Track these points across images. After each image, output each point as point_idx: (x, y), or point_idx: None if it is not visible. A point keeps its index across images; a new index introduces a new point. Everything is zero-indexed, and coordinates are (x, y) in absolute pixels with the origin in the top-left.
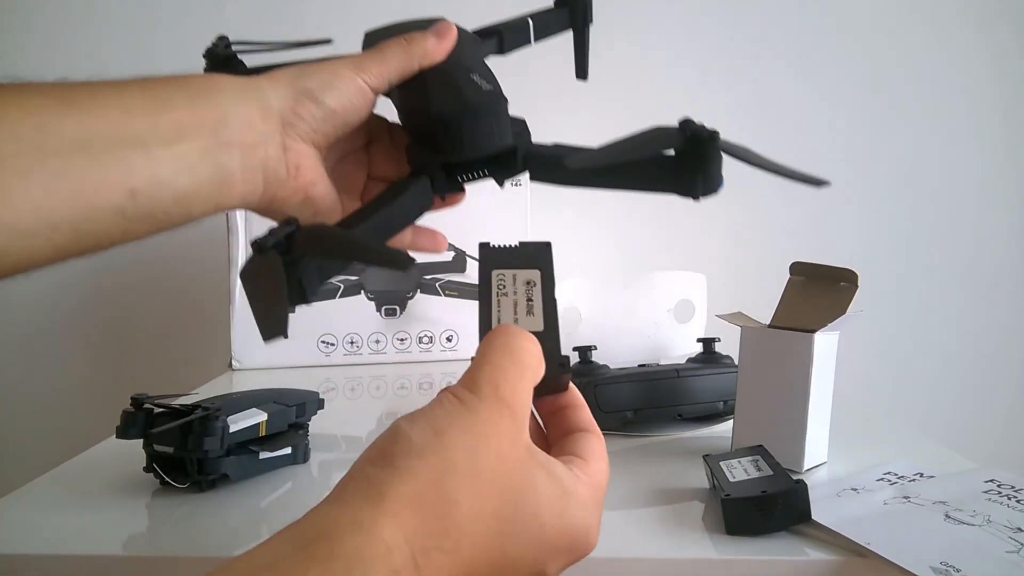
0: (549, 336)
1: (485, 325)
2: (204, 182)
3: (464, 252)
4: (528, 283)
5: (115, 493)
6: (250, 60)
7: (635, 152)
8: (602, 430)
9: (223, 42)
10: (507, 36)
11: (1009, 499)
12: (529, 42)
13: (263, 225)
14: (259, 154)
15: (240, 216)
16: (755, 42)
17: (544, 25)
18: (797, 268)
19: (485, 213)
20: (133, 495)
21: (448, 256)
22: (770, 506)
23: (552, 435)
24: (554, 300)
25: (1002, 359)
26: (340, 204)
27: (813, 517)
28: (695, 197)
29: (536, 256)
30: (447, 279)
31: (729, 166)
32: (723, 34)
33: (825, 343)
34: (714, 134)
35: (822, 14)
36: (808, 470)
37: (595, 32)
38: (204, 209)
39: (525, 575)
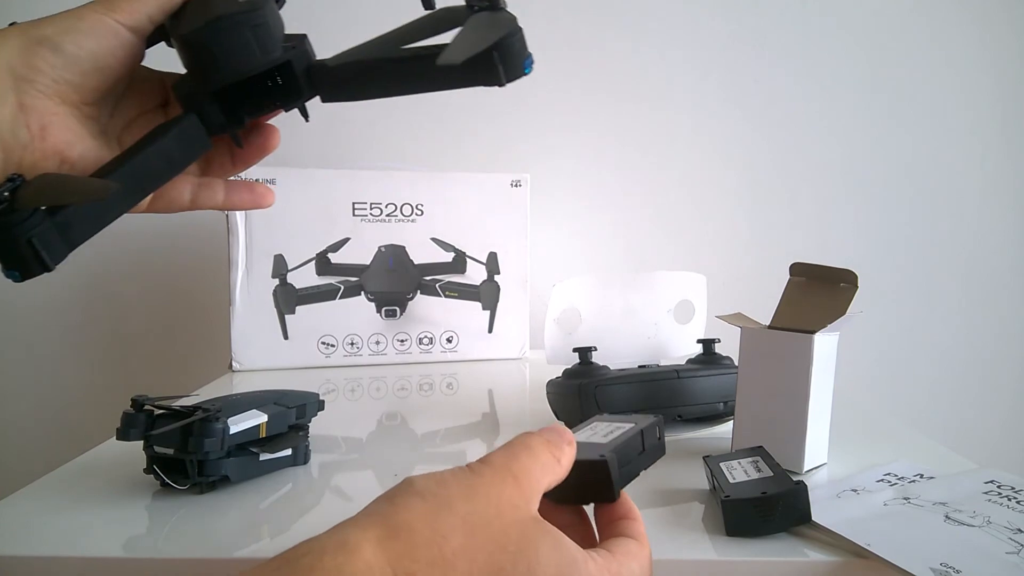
0: (603, 447)
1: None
2: None
3: (464, 253)
4: (631, 427)
5: (115, 495)
6: None
7: (417, 36)
8: None
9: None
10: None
11: (1009, 500)
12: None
13: (264, 225)
14: None
15: (240, 216)
16: (755, 42)
17: None
18: (797, 269)
19: (485, 213)
20: (133, 497)
21: (448, 257)
22: (770, 507)
23: (601, 541)
24: (635, 439)
25: (1002, 359)
26: None
27: (813, 518)
28: (500, 83)
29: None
30: (447, 280)
31: (734, 164)
32: (723, 33)
33: (825, 344)
34: (496, 1)
35: (822, 14)
36: (808, 471)
37: (595, 32)
38: None
39: None
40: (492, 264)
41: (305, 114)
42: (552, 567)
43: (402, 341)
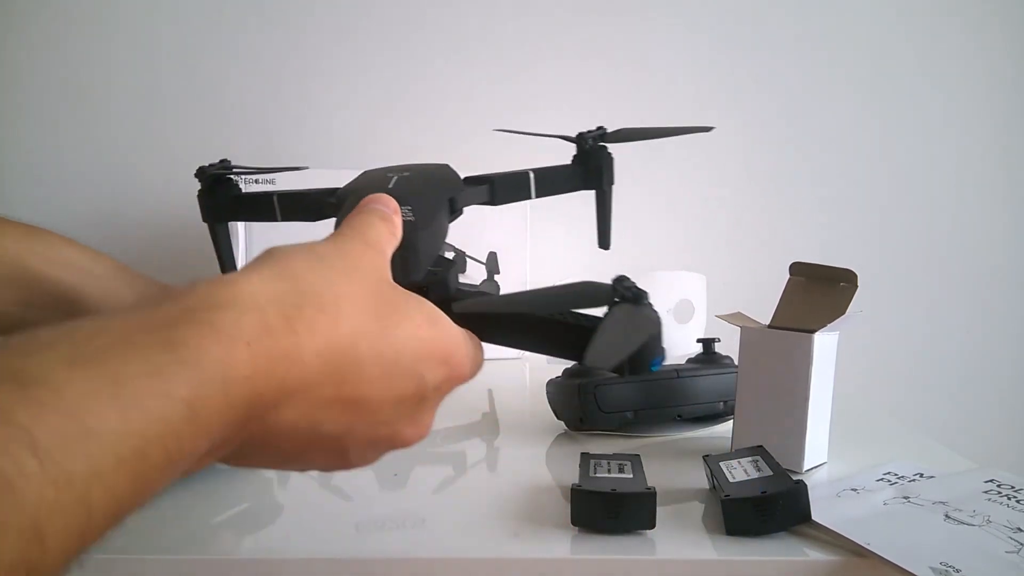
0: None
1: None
2: None
3: (464, 253)
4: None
5: None
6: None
7: (554, 306)
8: (602, 431)
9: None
10: (499, 187)
11: (1009, 499)
12: (529, 196)
13: (264, 226)
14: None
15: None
16: (756, 42)
17: (550, 182)
18: (797, 268)
19: (485, 213)
20: None
21: (448, 256)
22: (770, 506)
23: None
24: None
25: (1002, 359)
26: None
27: (813, 517)
28: (622, 375)
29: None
30: None
31: (734, 164)
32: (724, 33)
33: (825, 343)
34: (641, 294)
35: (823, 14)
36: (808, 470)
37: (595, 32)
38: None
39: (406, 371)
40: (492, 264)
41: None
42: (423, 313)
43: None
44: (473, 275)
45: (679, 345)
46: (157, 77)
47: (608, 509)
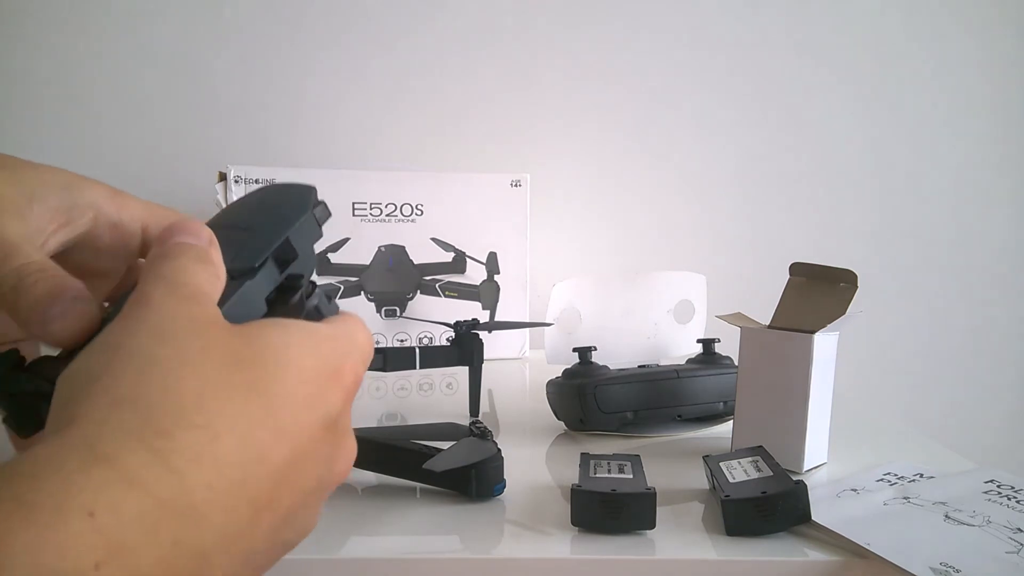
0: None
1: None
2: None
3: (464, 253)
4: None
5: None
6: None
7: (426, 435)
8: (602, 431)
9: None
10: (391, 357)
11: (1009, 499)
12: (415, 367)
13: None
14: None
15: None
16: (756, 43)
17: (432, 357)
18: (797, 268)
19: (485, 213)
20: None
21: (448, 257)
22: (770, 507)
23: None
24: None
25: (1002, 359)
26: None
27: (813, 518)
28: (471, 497)
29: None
30: (447, 280)
31: (734, 164)
32: (724, 34)
33: (825, 344)
34: (486, 432)
35: (823, 14)
36: (808, 471)
37: (596, 32)
38: None
39: (304, 424)
40: (492, 264)
41: None
42: (306, 347)
43: (402, 341)
44: (473, 275)
45: (679, 345)
46: (155, 77)
47: (608, 509)
